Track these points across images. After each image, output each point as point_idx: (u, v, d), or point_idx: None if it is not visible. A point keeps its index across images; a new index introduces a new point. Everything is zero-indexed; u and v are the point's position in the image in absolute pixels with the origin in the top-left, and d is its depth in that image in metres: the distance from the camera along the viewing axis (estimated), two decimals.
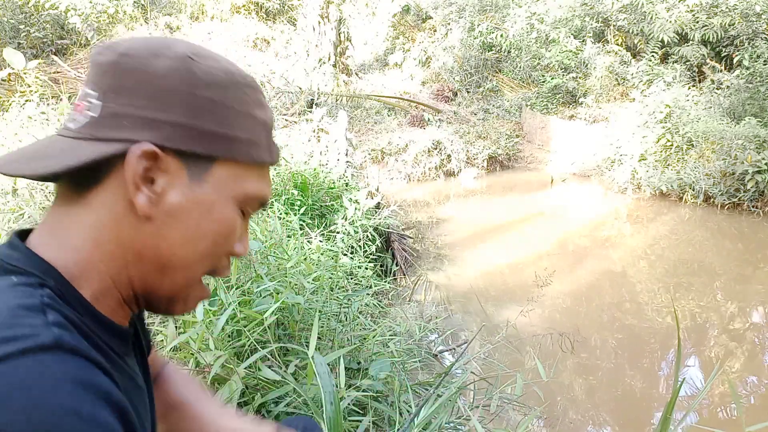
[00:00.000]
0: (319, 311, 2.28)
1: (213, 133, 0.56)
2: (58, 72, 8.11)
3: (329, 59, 11.29)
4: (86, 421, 0.42)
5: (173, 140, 0.54)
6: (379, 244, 4.42)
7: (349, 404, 1.89)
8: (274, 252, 2.53)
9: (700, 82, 10.20)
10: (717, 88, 9.48)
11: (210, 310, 1.89)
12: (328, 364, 1.90)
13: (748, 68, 9.38)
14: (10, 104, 5.72)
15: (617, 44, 11.35)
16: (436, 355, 3.29)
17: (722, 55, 10.43)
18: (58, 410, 0.40)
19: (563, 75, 11.28)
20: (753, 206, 7.01)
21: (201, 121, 0.55)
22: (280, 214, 3.44)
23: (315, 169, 4.61)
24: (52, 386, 0.41)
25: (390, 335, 2.66)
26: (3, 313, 0.45)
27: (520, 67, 12.44)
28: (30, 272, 0.52)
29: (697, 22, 10.41)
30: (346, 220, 3.93)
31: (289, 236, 3.13)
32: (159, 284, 0.58)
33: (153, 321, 2.00)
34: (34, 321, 0.45)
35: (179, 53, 0.56)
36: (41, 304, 0.48)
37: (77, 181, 0.55)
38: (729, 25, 10.13)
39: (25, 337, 0.43)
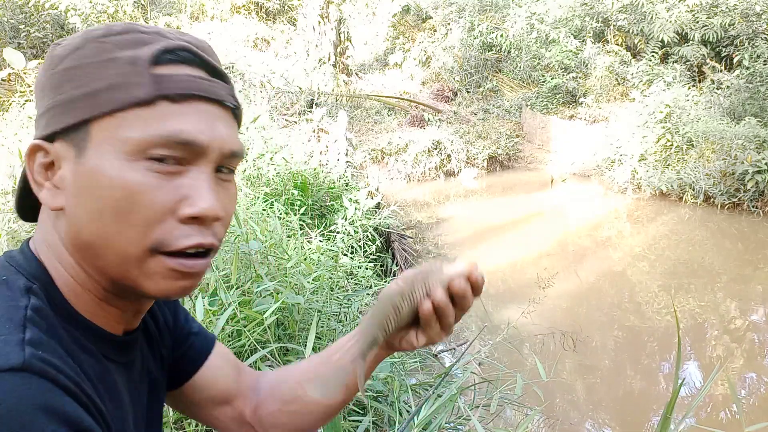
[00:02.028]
0: (319, 311, 2.28)
1: (73, 98, 0.53)
2: None
3: (329, 59, 11.29)
4: None
5: (50, 126, 0.54)
6: (379, 244, 4.42)
7: (348, 404, 1.89)
8: (274, 252, 2.53)
9: (700, 82, 10.20)
10: (717, 88, 9.48)
11: (210, 310, 1.89)
12: None
13: (748, 68, 9.38)
14: (10, 104, 5.72)
15: (617, 44, 11.35)
16: (436, 355, 3.29)
17: (722, 55, 10.43)
18: (16, 430, 0.40)
19: (563, 75, 11.28)
20: (753, 206, 7.01)
21: (63, 94, 0.54)
22: (280, 214, 3.44)
23: (315, 169, 4.61)
24: (13, 408, 0.41)
25: None
26: None
27: (520, 67, 12.44)
28: (20, 272, 0.54)
29: (697, 22, 10.41)
30: (346, 220, 3.93)
31: (289, 236, 3.13)
32: (105, 269, 0.55)
33: None
34: (9, 338, 0.45)
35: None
36: (23, 318, 0.48)
37: None
38: (729, 25, 10.13)
39: None
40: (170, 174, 0.53)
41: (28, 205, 0.61)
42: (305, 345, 2.07)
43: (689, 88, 9.46)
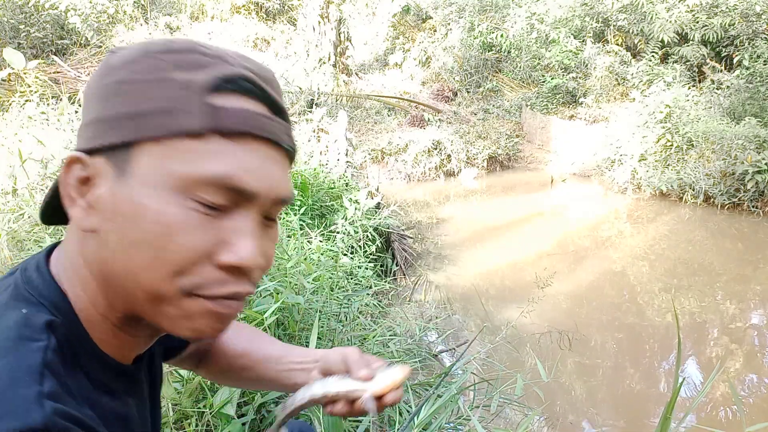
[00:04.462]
0: (319, 311, 2.28)
1: (120, 116, 0.48)
2: (58, 72, 8.11)
3: (329, 59, 11.29)
4: None
5: (93, 140, 0.50)
6: (379, 244, 4.42)
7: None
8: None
9: (700, 82, 10.20)
10: (717, 88, 9.48)
11: None
12: None
13: (748, 68, 9.38)
14: (10, 104, 5.72)
15: (617, 44, 11.35)
16: (436, 356, 3.29)
17: (722, 55, 10.43)
18: None
19: (563, 75, 11.28)
20: (753, 206, 7.01)
21: (110, 108, 0.49)
22: (280, 214, 3.43)
23: (315, 169, 4.61)
24: None
25: (390, 335, 2.66)
26: (2, 376, 0.43)
27: (520, 67, 12.44)
28: (41, 303, 0.50)
29: (697, 22, 10.41)
30: (346, 220, 3.93)
31: (289, 236, 3.13)
32: (129, 302, 0.51)
33: None
34: (27, 392, 0.42)
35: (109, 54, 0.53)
36: (42, 365, 0.45)
37: None
38: (729, 25, 10.13)
39: (14, 415, 0.41)
40: (213, 213, 0.48)
41: (51, 213, 0.58)
42: (305, 345, 2.07)
43: (689, 88, 9.46)
